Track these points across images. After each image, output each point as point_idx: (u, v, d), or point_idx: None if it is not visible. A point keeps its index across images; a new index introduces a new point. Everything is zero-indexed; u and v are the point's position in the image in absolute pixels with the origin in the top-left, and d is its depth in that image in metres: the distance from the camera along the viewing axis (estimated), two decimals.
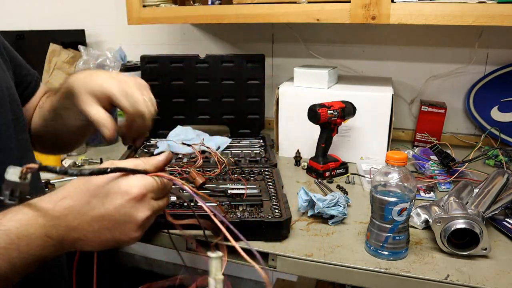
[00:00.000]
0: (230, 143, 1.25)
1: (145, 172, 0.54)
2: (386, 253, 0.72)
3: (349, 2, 1.04)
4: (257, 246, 0.77)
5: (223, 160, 1.06)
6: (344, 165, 1.10)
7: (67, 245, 0.51)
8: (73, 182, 0.53)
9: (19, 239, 0.47)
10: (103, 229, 0.51)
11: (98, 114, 0.62)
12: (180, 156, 1.14)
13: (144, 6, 1.28)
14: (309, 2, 1.08)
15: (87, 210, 0.50)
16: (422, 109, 1.32)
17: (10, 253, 0.46)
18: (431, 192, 0.98)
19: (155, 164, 0.57)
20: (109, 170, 0.51)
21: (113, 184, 0.51)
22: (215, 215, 0.54)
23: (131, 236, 0.52)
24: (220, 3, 1.22)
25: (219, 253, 0.55)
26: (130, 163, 0.54)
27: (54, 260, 0.67)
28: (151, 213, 0.53)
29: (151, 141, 1.29)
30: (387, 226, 0.71)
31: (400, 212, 0.69)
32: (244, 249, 0.52)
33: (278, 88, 1.23)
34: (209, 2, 1.24)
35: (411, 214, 0.79)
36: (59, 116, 0.73)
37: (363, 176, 1.07)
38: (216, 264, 0.54)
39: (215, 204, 0.72)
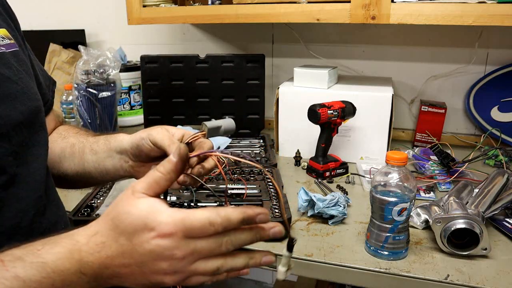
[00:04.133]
0: (230, 143, 1.25)
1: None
2: (386, 253, 0.72)
3: (349, 2, 1.04)
4: (257, 246, 0.77)
5: (223, 160, 1.06)
6: (344, 165, 1.10)
7: (103, 282, 0.49)
8: (103, 216, 0.50)
9: (54, 273, 0.45)
10: (134, 267, 0.48)
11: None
12: None
13: (144, 6, 1.28)
14: (309, 2, 1.09)
15: (116, 248, 0.48)
16: (422, 109, 1.32)
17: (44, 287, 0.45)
18: (431, 192, 0.98)
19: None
20: None
21: (139, 221, 0.47)
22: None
23: (163, 278, 0.48)
24: (220, 3, 1.22)
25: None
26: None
27: None
28: (184, 256, 0.47)
29: None
30: (387, 226, 0.71)
31: (400, 212, 0.69)
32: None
33: (278, 88, 1.23)
34: (209, 2, 1.24)
35: (411, 214, 0.79)
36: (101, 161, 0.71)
37: (363, 176, 1.07)
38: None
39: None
